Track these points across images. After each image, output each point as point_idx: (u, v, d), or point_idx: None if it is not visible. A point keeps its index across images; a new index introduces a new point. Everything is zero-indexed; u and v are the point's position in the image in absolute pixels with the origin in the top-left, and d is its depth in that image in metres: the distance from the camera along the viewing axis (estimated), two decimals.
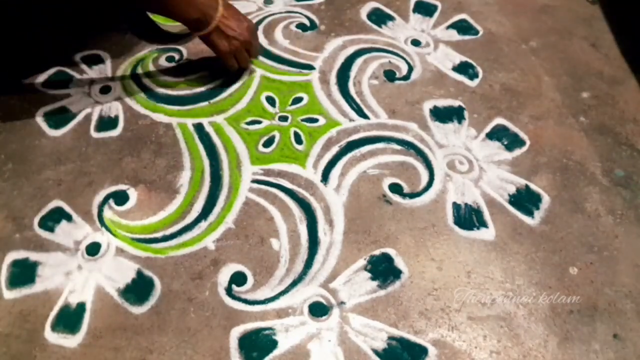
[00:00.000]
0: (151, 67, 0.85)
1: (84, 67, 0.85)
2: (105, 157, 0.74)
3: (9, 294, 0.62)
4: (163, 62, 0.86)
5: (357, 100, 0.82)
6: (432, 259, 0.66)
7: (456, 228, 0.69)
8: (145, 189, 0.71)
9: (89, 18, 0.92)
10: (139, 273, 0.64)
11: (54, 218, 0.68)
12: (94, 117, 0.79)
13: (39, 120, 0.78)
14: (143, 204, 0.70)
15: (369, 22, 0.94)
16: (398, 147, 0.77)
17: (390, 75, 0.86)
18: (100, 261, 0.65)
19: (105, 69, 0.85)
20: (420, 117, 0.80)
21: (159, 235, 0.67)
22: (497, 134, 0.79)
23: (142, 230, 0.67)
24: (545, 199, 0.72)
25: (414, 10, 0.97)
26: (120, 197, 0.70)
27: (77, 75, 0.84)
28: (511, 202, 0.72)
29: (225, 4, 0.74)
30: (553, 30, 0.95)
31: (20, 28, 0.89)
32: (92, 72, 0.84)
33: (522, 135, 0.79)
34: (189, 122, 0.78)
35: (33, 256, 0.65)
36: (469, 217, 0.70)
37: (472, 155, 0.76)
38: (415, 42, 0.91)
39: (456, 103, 0.83)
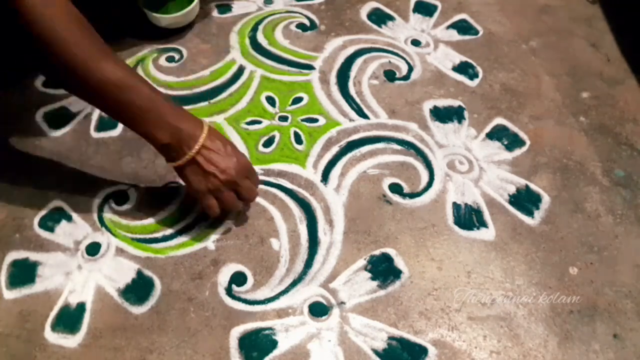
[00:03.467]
0: (151, 67, 0.85)
1: None
2: (105, 157, 0.74)
3: (9, 294, 0.62)
4: (163, 62, 0.86)
5: (357, 100, 0.82)
6: (432, 259, 0.66)
7: (456, 228, 0.69)
8: (145, 189, 0.71)
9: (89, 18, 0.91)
10: (139, 273, 0.64)
11: (54, 218, 0.68)
12: (94, 117, 0.79)
13: (39, 120, 0.78)
14: (143, 204, 0.70)
15: (369, 22, 0.94)
16: (398, 147, 0.77)
17: (390, 75, 0.86)
18: (100, 261, 0.65)
19: None
20: (420, 117, 0.80)
21: (159, 235, 0.67)
22: (497, 134, 0.79)
23: (142, 230, 0.67)
24: (545, 199, 0.72)
25: (414, 10, 0.97)
26: (120, 197, 0.70)
27: None
28: (511, 202, 0.72)
29: (212, 132, 0.61)
30: (553, 30, 0.95)
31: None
32: None
33: (522, 135, 0.79)
34: None
35: (33, 256, 0.65)
36: (469, 217, 0.70)
37: (472, 155, 0.76)
38: (415, 42, 0.91)
39: (456, 103, 0.83)
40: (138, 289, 0.63)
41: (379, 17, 0.95)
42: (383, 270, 0.65)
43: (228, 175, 0.60)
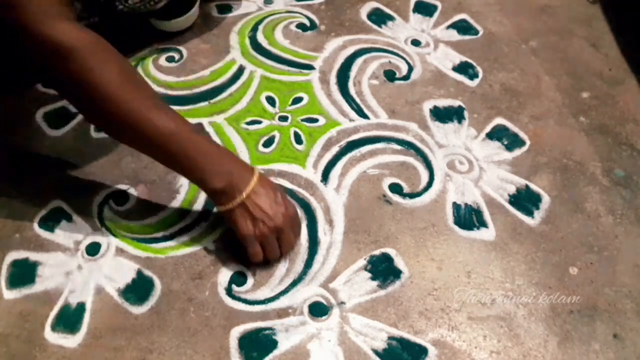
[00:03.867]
0: (151, 67, 0.85)
1: None
2: (105, 157, 0.74)
3: (9, 294, 0.62)
4: (163, 62, 0.86)
5: (357, 100, 0.82)
6: (432, 259, 0.66)
7: (456, 228, 0.69)
8: (145, 189, 0.71)
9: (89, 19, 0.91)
10: (139, 273, 0.64)
11: (54, 218, 0.68)
12: None
13: (39, 120, 0.78)
14: (143, 204, 0.70)
15: (369, 22, 0.94)
16: (398, 147, 0.77)
17: (390, 75, 0.86)
18: (100, 261, 0.65)
19: None
20: (420, 117, 0.80)
21: (159, 235, 0.67)
22: (497, 134, 0.79)
23: (142, 230, 0.67)
24: (545, 199, 0.72)
25: (414, 10, 0.97)
26: (120, 197, 0.70)
27: None
28: (511, 202, 0.72)
29: (263, 179, 0.61)
30: (553, 30, 0.95)
31: None
32: None
33: (522, 135, 0.79)
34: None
35: (33, 256, 0.65)
36: (469, 217, 0.70)
37: (472, 155, 0.76)
38: (415, 42, 0.91)
39: (456, 103, 0.83)
40: (138, 289, 0.63)
41: (379, 17, 0.95)
42: (383, 270, 0.65)
43: (276, 223, 0.60)
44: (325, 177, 0.73)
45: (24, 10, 0.50)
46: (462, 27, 0.94)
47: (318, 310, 0.62)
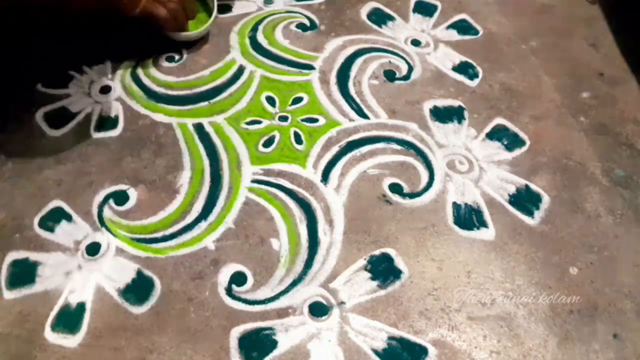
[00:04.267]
0: (151, 67, 0.85)
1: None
2: (105, 157, 0.74)
3: (9, 294, 0.62)
4: (163, 62, 0.86)
5: (357, 100, 0.82)
6: (432, 259, 0.66)
7: (456, 228, 0.69)
8: (145, 189, 0.71)
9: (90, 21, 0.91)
10: (139, 273, 0.64)
11: (54, 218, 0.68)
12: (94, 117, 0.79)
13: (39, 120, 0.78)
14: (143, 204, 0.70)
15: (369, 22, 0.94)
16: (398, 147, 0.77)
17: (390, 75, 0.86)
18: (100, 261, 0.65)
19: (105, 69, 0.85)
20: (420, 117, 0.80)
21: (158, 235, 0.67)
22: (497, 134, 0.79)
23: (142, 230, 0.67)
24: (545, 199, 0.72)
25: (414, 10, 0.97)
26: (120, 197, 0.70)
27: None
28: (511, 202, 0.72)
29: None
30: (553, 30, 0.95)
31: (20, 29, 0.89)
32: (92, 72, 0.84)
33: (522, 135, 0.79)
34: (189, 122, 0.78)
35: (33, 256, 0.65)
36: (469, 217, 0.70)
37: (472, 155, 0.76)
38: (415, 42, 0.91)
39: (456, 103, 0.83)
40: (138, 289, 0.63)
41: (379, 17, 0.95)
42: (383, 270, 0.65)
43: None
44: (325, 177, 0.73)
45: None
46: (462, 27, 0.94)
47: (318, 310, 0.62)
